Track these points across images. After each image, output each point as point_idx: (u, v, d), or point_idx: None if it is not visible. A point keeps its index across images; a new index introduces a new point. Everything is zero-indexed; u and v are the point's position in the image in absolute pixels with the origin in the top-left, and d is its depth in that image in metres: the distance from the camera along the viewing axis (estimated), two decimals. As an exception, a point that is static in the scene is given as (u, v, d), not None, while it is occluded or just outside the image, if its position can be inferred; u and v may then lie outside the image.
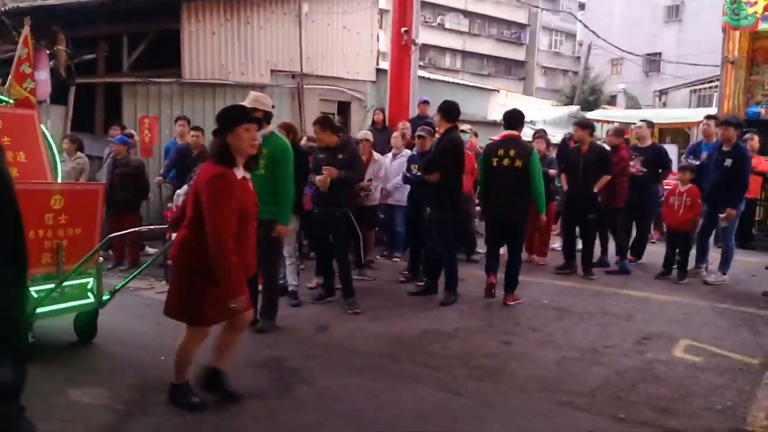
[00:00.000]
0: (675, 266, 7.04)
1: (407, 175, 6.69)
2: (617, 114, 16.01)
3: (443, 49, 38.84)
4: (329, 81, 12.56)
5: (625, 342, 4.67)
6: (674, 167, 8.23)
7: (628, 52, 25.58)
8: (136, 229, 5.43)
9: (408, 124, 8.42)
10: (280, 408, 3.39)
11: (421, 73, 13.53)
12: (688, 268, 7.00)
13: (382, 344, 4.55)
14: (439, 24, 38.07)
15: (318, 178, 5.43)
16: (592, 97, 28.45)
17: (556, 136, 11.64)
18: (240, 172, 3.28)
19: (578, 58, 37.56)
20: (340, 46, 12.82)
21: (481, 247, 7.63)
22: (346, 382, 3.79)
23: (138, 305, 5.51)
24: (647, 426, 3.29)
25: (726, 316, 5.52)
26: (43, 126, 5.06)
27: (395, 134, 8.05)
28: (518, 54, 41.95)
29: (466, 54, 39.97)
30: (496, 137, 9.13)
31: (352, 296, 5.48)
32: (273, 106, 4.84)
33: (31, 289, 3.83)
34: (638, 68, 32.15)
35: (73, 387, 3.56)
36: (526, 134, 12.12)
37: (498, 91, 18.87)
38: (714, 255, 7.19)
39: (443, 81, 16.54)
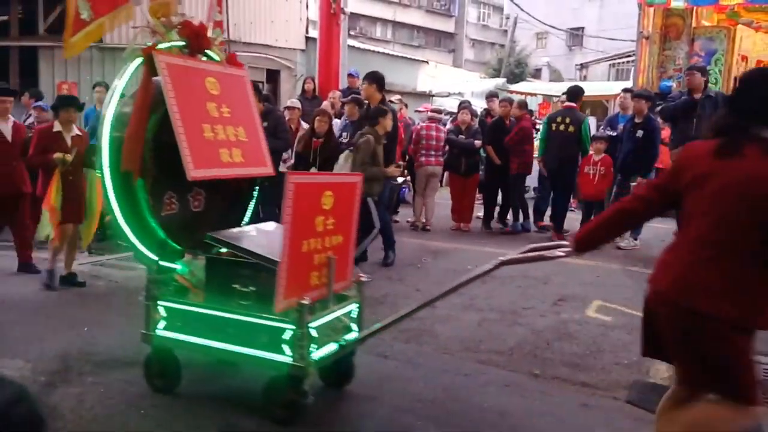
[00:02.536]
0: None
1: (341, 143, 6.69)
2: (541, 87, 16.50)
3: (374, 19, 38.47)
4: (257, 48, 12.26)
5: (542, 303, 4.92)
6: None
7: (551, 27, 26.23)
8: None
9: (338, 93, 8.38)
10: (209, 373, 3.39)
11: (352, 42, 13.41)
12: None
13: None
14: (369, -7, 37.60)
15: None
16: (517, 70, 29.09)
17: (482, 107, 11.90)
18: None
19: (506, 31, 38.22)
20: (269, 13, 12.50)
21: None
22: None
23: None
24: (560, 381, 3.51)
25: (636, 278, 5.89)
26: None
27: (325, 103, 8.00)
28: (448, 26, 42.14)
29: (396, 24, 39.78)
30: (421, 108, 9.26)
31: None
32: (261, 83, 5.16)
33: (311, 325, 2.79)
34: (562, 42, 33.06)
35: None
36: (453, 106, 12.35)
37: (427, 62, 19.00)
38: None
39: (373, 51, 16.47)
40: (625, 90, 8.88)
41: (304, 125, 7.37)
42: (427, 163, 7.98)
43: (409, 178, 8.67)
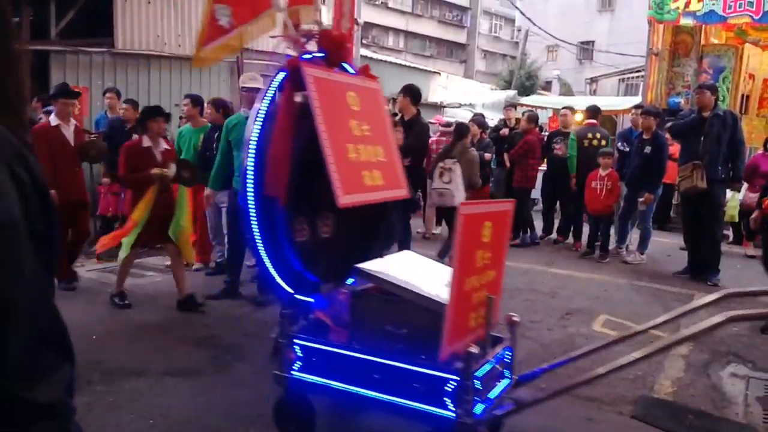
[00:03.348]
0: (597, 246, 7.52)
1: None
2: (551, 100, 16.57)
3: (387, 29, 38.71)
4: (270, 57, 12.39)
5: (549, 317, 4.97)
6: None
7: (561, 40, 26.32)
8: None
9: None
10: (217, 384, 3.46)
11: (365, 51, 13.53)
12: (610, 248, 7.46)
13: (320, 320, 4.65)
14: (382, 2, 37.88)
15: None
16: (528, 82, 29.18)
17: (493, 119, 12.00)
18: None
19: (517, 43, 38.36)
20: (281, 21, 12.65)
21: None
22: (255, 359, 3.84)
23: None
24: (566, 395, 3.55)
25: (642, 293, 5.93)
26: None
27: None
28: (460, 37, 42.33)
29: (408, 34, 40.00)
30: (433, 120, 9.38)
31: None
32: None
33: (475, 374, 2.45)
34: (572, 56, 33.15)
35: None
36: (465, 117, 12.44)
37: (439, 73, 19.11)
38: (633, 236, 7.67)
39: (386, 61, 16.59)
40: (637, 107, 8.98)
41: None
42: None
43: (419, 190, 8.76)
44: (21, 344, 0.70)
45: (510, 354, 2.88)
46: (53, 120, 5.23)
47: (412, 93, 6.21)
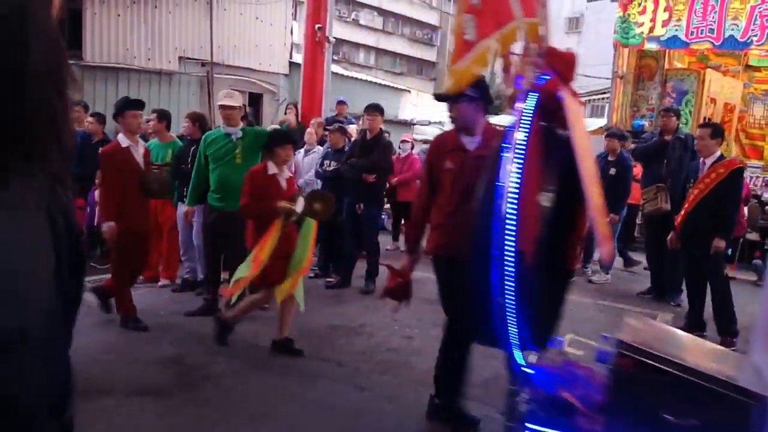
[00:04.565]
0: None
1: (319, 170, 6.80)
2: (520, 119, 16.85)
3: (358, 45, 39.00)
4: (240, 71, 12.37)
5: (517, 337, 5.03)
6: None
7: (531, 60, 26.83)
8: None
9: (321, 120, 8.49)
10: (184, 405, 3.40)
11: (336, 68, 13.59)
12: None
13: (289, 340, 4.62)
14: (353, 20, 38.18)
15: None
16: (497, 101, 29.66)
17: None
18: None
19: (486, 62, 38.91)
20: (253, 37, 12.65)
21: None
22: (251, 379, 3.84)
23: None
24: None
25: (606, 312, 6.04)
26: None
27: (309, 130, 8.10)
28: (430, 54, 42.86)
29: (379, 51, 40.35)
30: (407, 138, 9.50)
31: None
32: (244, 105, 5.13)
33: None
34: (541, 75, 33.84)
35: None
36: (433, 133, 12.55)
37: (409, 91, 19.29)
38: (598, 256, 7.82)
39: (357, 78, 16.70)
40: (606, 129, 9.23)
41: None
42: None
43: (388, 206, 8.82)
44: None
45: None
46: (123, 140, 4.67)
47: (382, 111, 6.34)
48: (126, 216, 4.48)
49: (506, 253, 2.32)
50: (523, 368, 2.38)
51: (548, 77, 2.55)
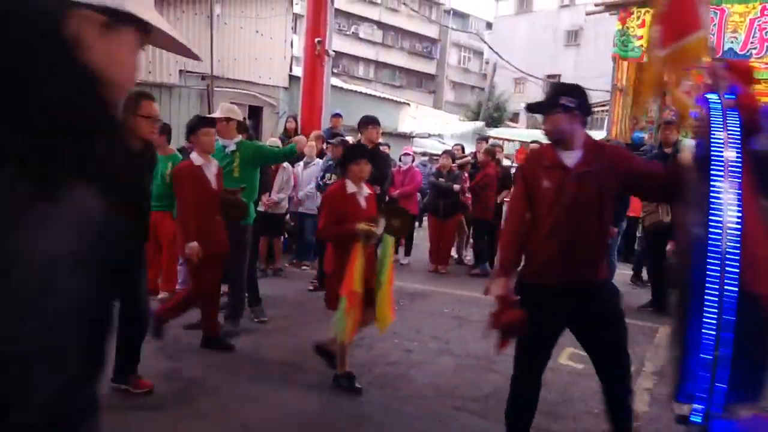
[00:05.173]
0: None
1: (320, 183, 6.81)
2: (518, 132, 16.92)
3: (357, 59, 39.25)
4: (241, 85, 12.42)
5: (517, 350, 5.00)
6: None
7: (528, 74, 27.00)
8: None
9: (320, 133, 8.52)
10: (182, 418, 3.38)
11: (335, 81, 13.66)
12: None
13: (288, 353, 4.60)
14: (353, 33, 38.45)
15: None
16: (496, 114, 29.78)
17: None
18: None
19: (485, 75, 39.21)
20: (253, 51, 12.71)
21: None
22: (250, 392, 3.81)
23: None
24: (533, 429, 3.55)
25: (607, 325, 6.01)
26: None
27: (309, 143, 8.12)
28: (429, 68, 43.12)
29: (379, 64, 40.60)
30: (408, 151, 9.56)
31: (258, 305, 5.49)
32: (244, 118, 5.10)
33: None
34: (539, 88, 34.00)
35: None
36: (436, 148, 12.62)
37: (409, 104, 19.37)
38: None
39: (356, 91, 16.77)
40: (606, 141, 9.25)
41: (285, 164, 7.47)
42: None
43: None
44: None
45: None
46: (196, 159, 4.53)
47: (379, 125, 6.33)
48: (198, 237, 4.31)
49: (727, 296, 2.01)
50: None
51: (737, 91, 2.31)
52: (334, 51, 10.88)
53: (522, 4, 37.26)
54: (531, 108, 3.21)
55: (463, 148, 9.94)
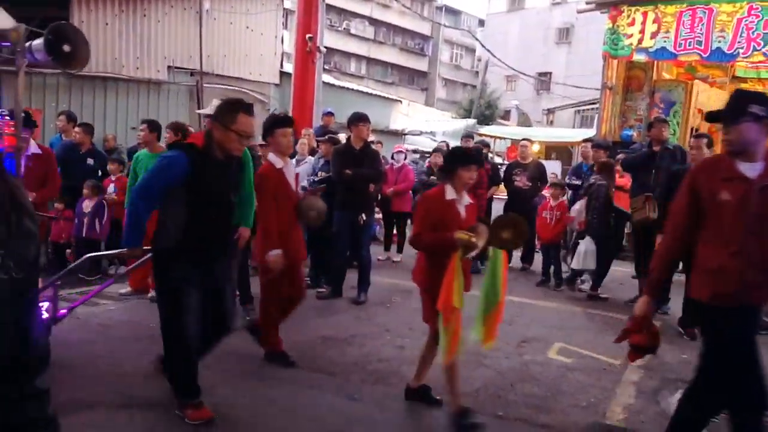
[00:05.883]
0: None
1: (312, 179, 6.82)
2: (510, 130, 16.99)
3: (349, 55, 39.17)
4: (230, 81, 12.37)
5: (506, 345, 5.03)
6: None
7: (520, 73, 27.09)
8: None
9: (312, 131, 8.52)
10: (173, 417, 3.37)
11: (327, 78, 13.63)
12: (565, 276, 7.64)
13: (279, 350, 4.60)
14: (344, 29, 38.36)
15: None
16: (488, 111, 29.85)
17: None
18: None
19: (477, 72, 39.29)
20: (243, 47, 12.67)
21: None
22: (242, 389, 3.82)
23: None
24: (522, 422, 3.61)
25: (596, 321, 6.08)
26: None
27: (301, 140, 8.11)
28: (421, 65, 43.11)
29: (371, 61, 40.54)
30: (401, 149, 9.55)
31: (249, 303, 5.49)
32: None
33: None
34: (531, 86, 34.11)
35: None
36: (427, 145, 12.65)
37: (400, 101, 19.38)
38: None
39: (348, 88, 16.75)
40: (586, 140, 9.29)
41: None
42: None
43: (380, 215, 8.84)
44: None
45: None
46: (275, 161, 4.26)
47: (369, 121, 6.32)
48: (280, 246, 4.11)
49: None
50: None
51: None
52: (325, 47, 10.87)
53: (514, 1, 37.33)
54: (711, 117, 2.92)
55: (448, 146, 9.89)
